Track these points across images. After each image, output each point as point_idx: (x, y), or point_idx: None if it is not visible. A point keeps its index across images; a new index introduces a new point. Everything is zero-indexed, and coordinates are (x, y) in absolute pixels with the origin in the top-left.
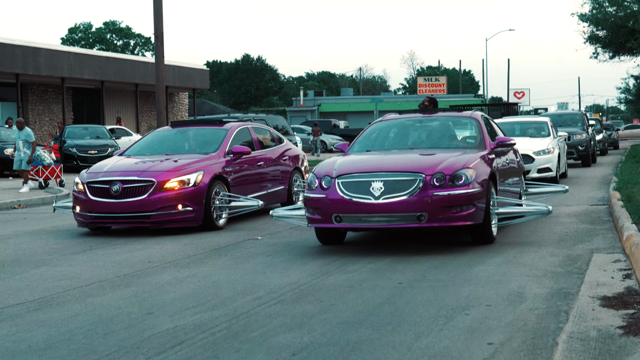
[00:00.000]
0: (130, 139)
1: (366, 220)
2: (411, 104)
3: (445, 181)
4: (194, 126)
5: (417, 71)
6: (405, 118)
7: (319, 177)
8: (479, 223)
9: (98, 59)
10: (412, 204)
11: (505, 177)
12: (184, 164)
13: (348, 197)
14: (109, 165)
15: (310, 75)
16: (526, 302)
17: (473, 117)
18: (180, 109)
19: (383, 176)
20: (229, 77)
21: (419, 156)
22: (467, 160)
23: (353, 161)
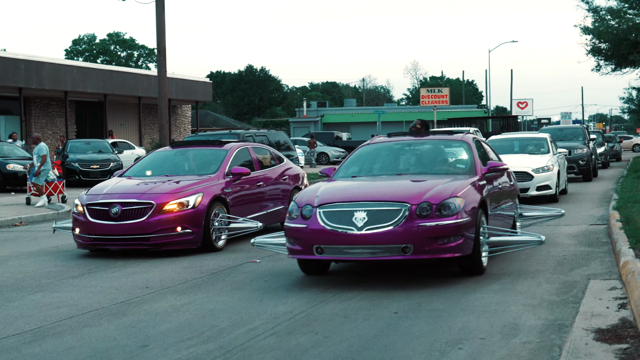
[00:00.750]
0: (133, 152)
1: (348, 252)
2: (414, 115)
3: (432, 211)
4: (194, 147)
5: (420, 81)
6: (394, 141)
7: (300, 205)
8: (467, 254)
9: (101, 73)
10: (396, 235)
11: (498, 202)
12: (183, 185)
13: (330, 227)
14: (108, 186)
15: (314, 85)
16: (520, 334)
17: (464, 141)
18: (183, 121)
19: (366, 206)
20: (233, 88)
21: (405, 184)
22: (456, 187)
23: (336, 189)
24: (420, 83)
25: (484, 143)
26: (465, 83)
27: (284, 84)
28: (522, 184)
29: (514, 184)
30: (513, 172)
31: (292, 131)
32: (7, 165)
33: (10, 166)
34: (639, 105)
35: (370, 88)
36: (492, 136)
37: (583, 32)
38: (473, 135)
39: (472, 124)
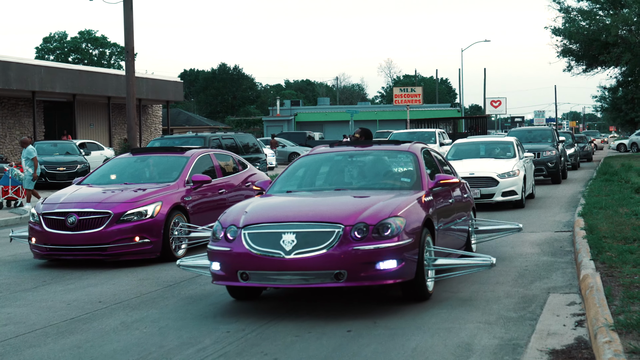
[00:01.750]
0: (102, 154)
1: (276, 279)
2: (387, 114)
3: (369, 232)
4: (155, 154)
5: (393, 80)
6: (336, 152)
7: (225, 226)
8: (410, 279)
9: (70, 72)
10: (328, 261)
11: (447, 218)
12: (141, 194)
13: (255, 251)
14: (65, 195)
15: (288, 83)
16: (473, 356)
17: (410, 152)
18: (154, 120)
19: (295, 227)
20: (206, 86)
21: (342, 201)
22: (397, 205)
23: (265, 207)
24: (394, 81)
25: (435, 153)
26: (439, 81)
27: (258, 82)
28: (488, 190)
29: (468, 197)
30: (480, 176)
31: (266, 130)
32: None
33: None
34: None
35: (344, 86)
36: (459, 139)
37: (554, 34)
38: (422, 145)
39: (443, 124)
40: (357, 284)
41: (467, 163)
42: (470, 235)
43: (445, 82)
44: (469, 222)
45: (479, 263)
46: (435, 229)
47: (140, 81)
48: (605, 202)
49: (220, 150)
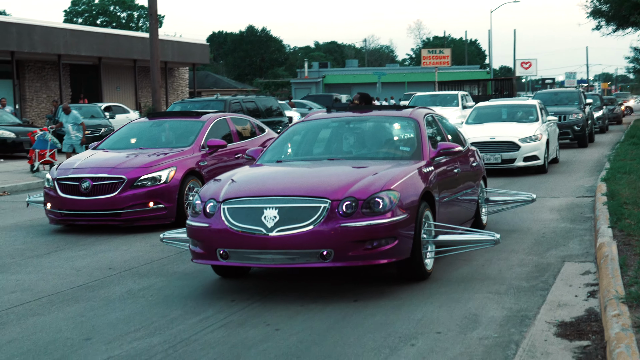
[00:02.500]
0: (127, 117)
1: (257, 258)
2: (416, 76)
3: (358, 208)
4: (171, 118)
5: (423, 41)
6: (333, 118)
7: (204, 199)
8: (405, 258)
9: (95, 35)
10: (313, 239)
11: (453, 188)
12: (156, 159)
13: (235, 228)
14: (80, 160)
15: (318, 45)
16: (479, 328)
17: (412, 118)
18: (180, 83)
19: (278, 202)
20: (234, 49)
21: (332, 173)
22: (391, 177)
23: (249, 178)
24: (423, 43)
25: (441, 120)
26: (468, 43)
27: (287, 44)
28: (509, 155)
29: (478, 165)
30: (501, 141)
31: (294, 92)
32: None
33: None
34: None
35: (373, 48)
36: (480, 102)
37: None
38: (425, 111)
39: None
40: (345, 263)
41: (488, 127)
42: (479, 206)
43: (475, 43)
44: (477, 192)
45: (481, 239)
46: (437, 202)
47: (165, 44)
48: (630, 167)
49: (238, 114)
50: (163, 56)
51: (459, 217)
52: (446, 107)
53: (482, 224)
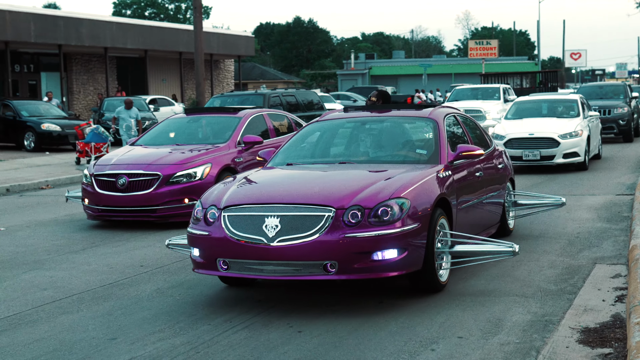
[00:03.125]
0: (172, 109)
1: (258, 269)
2: (463, 67)
3: (364, 217)
4: (208, 114)
5: (471, 32)
6: (348, 118)
7: (205, 206)
8: (416, 270)
9: (141, 28)
10: (316, 250)
11: (474, 193)
12: (191, 156)
13: (235, 237)
14: (117, 156)
15: (365, 36)
16: (501, 333)
17: (431, 118)
18: (225, 75)
19: (280, 210)
20: (281, 40)
21: (339, 179)
22: (402, 184)
23: (253, 184)
24: (471, 33)
25: (465, 120)
26: (517, 33)
27: (334, 35)
28: (548, 151)
29: (505, 167)
30: (539, 137)
31: (340, 84)
32: (42, 125)
33: (44, 126)
34: None
35: (421, 39)
36: (520, 97)
37: None
38: (447, 110)
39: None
40: (350, 276)
41: (527, 123)
42: (505, 210)
43: (524, 34)
44: (504, 195)
45: (499, 250)
46: (454, 209)
47: (211, 36)
48: None
49: (275, 110)
50: (208, 48)
51: (482, 223)
52: (487, 100)
53: (509, 228)
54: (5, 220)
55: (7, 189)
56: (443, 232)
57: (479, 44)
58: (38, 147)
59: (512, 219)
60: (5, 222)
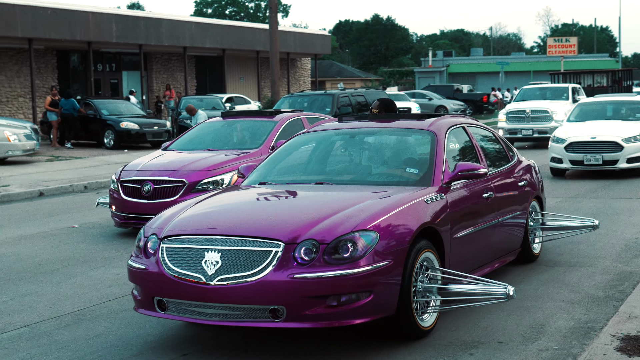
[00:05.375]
0: (249, 107)
1: (197, 312)
2: (542, 65)
3: (319, 253)
4: (244, 117)
5: (551, 29)
6: (336, 130)
7: (147, 234)
8: (389, 315)
9: (219, 28)
10: (260, 292)
11: (480, 219)
12: (219, 162)
13: (171, 273)
14: (144, 162)
15: (443, 33)
16: (541, 339)
17: (430, 131)
18: (302, 74)
19: (222, 243)
20: (359, 38)
21: (300, 205)
22: (373, 212)
23: (205, 208)
24: (551, 30)
25: (479, 130)
26: (598, 30)
27: (413, 32)
28: (611, 156)
29: (529, 183)
30: (602, 141)
31: (417, 82)
32: (121, 123)
33: (123, 124)
34: None
35: (500, 36)
36: (583, 99)
37: None
38: (453, 121)
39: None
40: (302, 324)
41: (590, 126)
42: (528, 232)
43: (606, 30)
44: (526, 216)
45: (492, 292)
46: (446, 240)
47: (287, 35)
48: None
49: (314, 113)
50: (285, 47)
51: (492, 252)
52: (555, 100)
53: (533, 254)
54: (80, 217)
55: (84, 186)
56: (431, 268)
57: (558, 41)
58: (117, 144)
59: (538, 242)
60: (80, 219)
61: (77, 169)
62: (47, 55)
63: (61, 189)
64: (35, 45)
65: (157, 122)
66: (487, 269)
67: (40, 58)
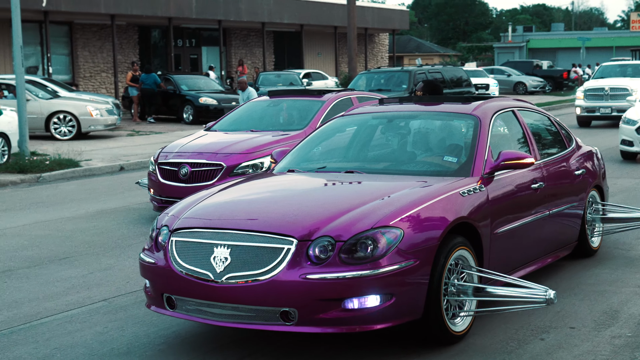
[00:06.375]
0: (326, 83)
1: (206, 312)
2: (625, 40)
3: (335, 251)
4: (291, 97)
5: (635, 2)
6: (374, 114)
7: (159, 225)
8: (415, 319)
9: (297, 3)
10: (270, 293)
11: (529, 210)
12: (260, 144)
13: (180, 269)
14: (183, 143)
15: (524, 8)
16: (614, 326)
17: (474, 115)
18: (380, 49)
19: (232, 238)
20: (438, 12)
21: (320, 197)
22: (399, 206)
23: (223, 198)
24: (635, 4)
25: (531, 116)
26: None
27: (493, 6)
28: None
29: (588, 172)
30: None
31: (496, 57)
32: (200, 99)
33: (202, 99)
34: None
35: (582, 10)
36: None
37: None
38: (504, 104)
39: None
40: (315, 328)
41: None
42: (585, 224)
43: None
44: (583, 207)
45: (530, 297)
46: (485, 236)
47: (365, 11)
48: None
49: (365, 92)
50: (362, 23)
51: (541, 248)
52: (636, 78)
53: (591, 247)
54: None
55: None
56: (467, 267)
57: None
58: (196, 119)
59: (598, 234)
60: None
61: (157, 143)
62: (129, 31)
63: (141, 164)
64: (118, 22)
65: (235, 97)
66: (535, 266)
67: (122, 34)
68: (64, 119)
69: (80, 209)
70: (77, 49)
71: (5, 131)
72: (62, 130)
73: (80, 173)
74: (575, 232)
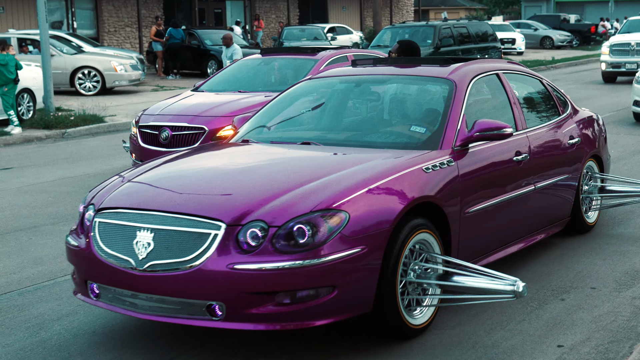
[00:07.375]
0: (350, 38)
1: (128, 303)
2: None
3: (267, 238)
4: (283, 55)
5: None
6: (341, 77)
7: (87, 202)
8: (366, 312)
9: None
10: (195, 284)
11: (508, 185)
12: (247, 106)
13: (101, 254)
14: (166, 104)
15: None
16: (636, 286)
17: (449, 80)
18: (405, 3)
19: (156, 220)
20: None
21: (261, 172)
22: (347, 185)
23: (159, 173)
24: None
25: (519, 79)
26: None
27: None
28: None
29: (585, 141)
30: None
31: (523, 10)
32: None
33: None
34: None
35: None
36: None
37: None
38: (489, 66)
39: None
40: (244, 325)
41: None
42: (580, 198)
43: None
44: (577, 179)
45: (497, 289)
46: (453, 218)
47: None
48: None
49: (361, 50)
50: None
51: (525, 226)
52: None
53: (587, 223)
54: None
55: None
56: (430, 255)
57: None
58: None
59: (595, 209)
60: None
61: None
62: None
63: None
64: None
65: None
66: (518, 246)
67: None
68: (88, 74)
69: (105, 165)
70: (102, 3)
71: (30, 87)
72: (87, 85)
73: (104, 129)
74: (568, 207)
